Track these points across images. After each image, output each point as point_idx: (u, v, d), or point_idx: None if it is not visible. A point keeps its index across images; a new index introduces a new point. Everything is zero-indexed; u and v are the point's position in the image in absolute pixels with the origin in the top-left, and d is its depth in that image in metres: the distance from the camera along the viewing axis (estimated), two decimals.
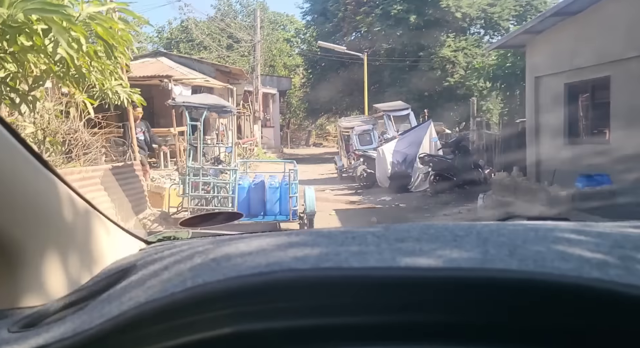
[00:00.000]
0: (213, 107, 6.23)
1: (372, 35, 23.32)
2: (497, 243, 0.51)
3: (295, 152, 27.96)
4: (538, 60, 7.99)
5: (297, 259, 0.49)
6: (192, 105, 6.14)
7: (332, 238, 0.54)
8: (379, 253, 0.48)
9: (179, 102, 6.20)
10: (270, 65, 32.19)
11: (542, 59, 7.85)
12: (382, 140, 12.62)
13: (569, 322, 0.43)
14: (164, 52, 17.35)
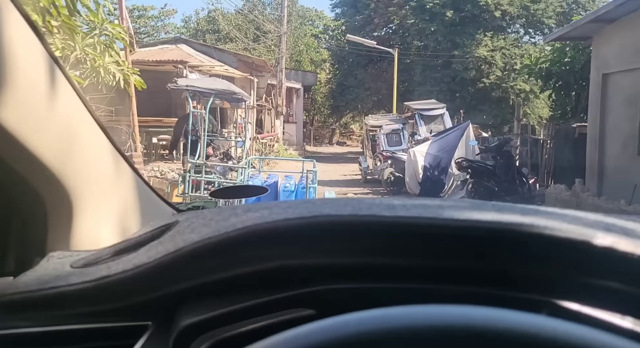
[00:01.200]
0: (221, 93, 5.28)
1: (403, 30, 22.15)
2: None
3: (317, 150, 27.06)
4: (608, 54, 6.79)
5: (336, 211, 0.53)
6: (197, 90, 5.20)
7: (363, 201, 0.57)
8: (406, 210, 0.52)
9: (181, 85, 5.28)
10: (296, 60, 31.33)
11: (613, 53, 6.66)
12: (412, 141, 11.51)
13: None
14: (185, 38, 16.58)
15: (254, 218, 0.53)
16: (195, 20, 34.62)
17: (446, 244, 0.49)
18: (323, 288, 0.51)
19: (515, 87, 20.29)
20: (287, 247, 0.52)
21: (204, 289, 0.53)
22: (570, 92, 8.67)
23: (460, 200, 0.62)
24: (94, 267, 0.60)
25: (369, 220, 0.51)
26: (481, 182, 8.33)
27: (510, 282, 0.48)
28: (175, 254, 0.53)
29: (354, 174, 14.55)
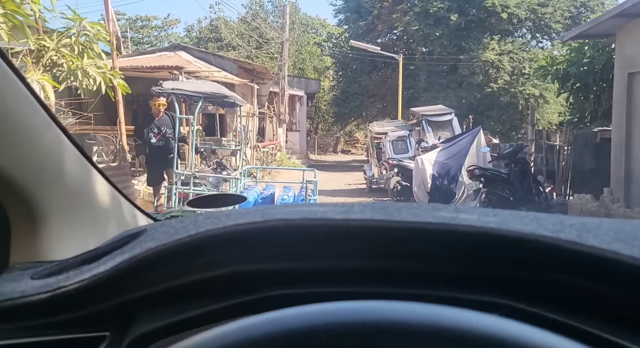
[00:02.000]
0: (210, 97, 4.77)
1: (408, 36, 21.72)
2: (470, 213, 0.53)
3: (321, 158, 26.65)
4: (634, 52, 6.25)
5: (289, 215, 0.53)
6: (183, 93, 4.70)
7: (324, 205, 0.56)
8: (361, 213, 0.52)
9: (166, 89, 4.78)
10: (299, 67, 31.03)
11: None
12: (419, 148, 10.97)
13: (520, 274, 0.46)
14: (183, 45, 16.15)
15: (210, 225, 0.53)
16: (197, 29, 34.48)
17: (395, 245, 0.49)
18: (276, 294, 0.51)
19: (524, 92, 19.76)
20: (238, 253, 0.52)
21: (158, 297, 0.53)
22: (589, 95, 8.12)
23: (426, 204, 0.59)
24: (54, 277, 0.60)
25: (317, 224, 0.50)
26: (495, 191, 7.77)
27: (458, 282, 0.47)
28: (129, 262, 0.53)
29: (358, 183, 14.04)
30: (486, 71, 19.95)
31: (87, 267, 0.58)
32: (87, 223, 0.84)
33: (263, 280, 0.52)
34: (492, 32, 20.32)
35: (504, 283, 0.46)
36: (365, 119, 26.40)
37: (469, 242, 0.47)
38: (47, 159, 0.75)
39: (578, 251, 0.43)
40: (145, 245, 0.55)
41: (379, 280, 0.50)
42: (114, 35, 6.17)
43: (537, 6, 19.85)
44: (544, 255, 0.45)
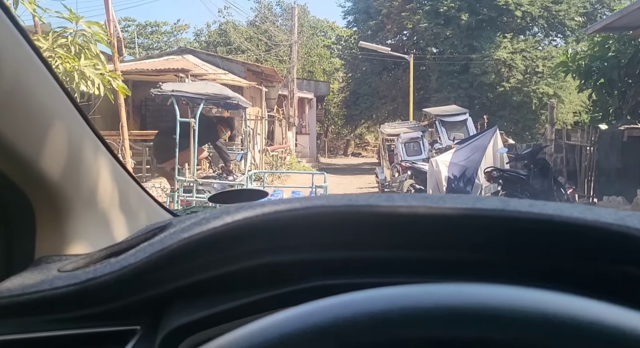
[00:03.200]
0: (212, 99, 4.52)
1: (418, 36, 21.39)
2: (519, 202, 0.50)
3: (332, 161, 26.41)
4: None
5: (330, 202, 0.50)
6: (183, 95, 4.44)
7: (361, 195, 0.53)
8: (405, 201, 0.49)
9: (166, 91, 4.54)
10: (309, 70, 30.87)
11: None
12: (433, 150, 10.65)
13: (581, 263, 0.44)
14: (190, 49, 16.00)
15: (245, 213, 0.51)
16: (206, 34, 34.50)
17: (450, 234, 0.47)
18: (315, 285, 0.49)
19: (537, 91, 19.32)
20: (277, 241, 0.50)
21: (192, 289, 0.51)
22: (614, 91, 7.72)
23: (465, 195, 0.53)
24: (81, 270, 0.59)
25: (365, 210, 0.48)
26: (514, 193, 7.42)
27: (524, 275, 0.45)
28: (162, 253, 0.51)
29: (370, 186, 13.73)
30: (498, 70, 19.55)
31: (115, 260, 0.57)
32: (111, 217, 0.83)
33: (303, 270, 0.50)
34: (504, 30, 19.93)
35: (580, 275, 0.44)
36: (375, 120, 26.11)
37: (525, 231, 0.44)
38: (73, 152, 0.74)
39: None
40: (178, 236, 0.52)
41: (431, 271, 0.47)
42: (115, 37, 5.96)
43: (551, 3, 19.42)
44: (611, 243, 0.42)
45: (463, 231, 0.46)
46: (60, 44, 4.51)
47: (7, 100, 0.61)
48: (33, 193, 0.70)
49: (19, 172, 0.66)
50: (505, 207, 0.46)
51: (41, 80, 0.67)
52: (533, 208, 0.46)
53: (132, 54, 27.43)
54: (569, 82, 17.12)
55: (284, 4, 33.58)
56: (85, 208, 0.77)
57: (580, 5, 19.71)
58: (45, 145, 0.68)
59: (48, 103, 0.69)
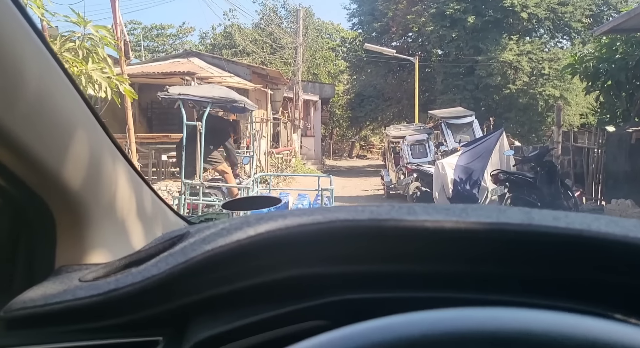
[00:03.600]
0: (219, 102, 4.54)
1: (423, 38, 21.37)
2: (542, 214, 0.50)
3: (337, 163, 26.39)
4: None
5: (353, 216, 0.49)
6: (190, 98, 4.47)
7: (381, 206, 0.54)
8: (428, 214, 0.48)
9: (172, 94, 4.57)
10: (313, 73, 30.89)
11: None
12: (439, 152, 10.61)
13: (609, 279, 0.44)
14: (196, 52, 16.04)
15: (267, 225, 0.51)
16: (211, 36, 34.61)
17: (476, 248, 0.46)
18: (339, 299, 0.49)
19: (544, 93, 19.23)
20: (301, 255, 0.50)
21: (215, 301, 0.51)
22: (622, 93, 7.67)
23: (485, 205, 0.51)
24: (102, 280, 0.59)
25: (389, 225, 0.48)
26: (521, 196, 7.37)
27: (542, 289, 0.45)
28: (186, 265, 0.51)
29: (375, 188, 13.70)
30: (504, 72, 19.47)
31: (136, 270, 0.57)
32: (129, 225, 0.84)
33: (328, 283, 0.50)
34: (509, 32, 19.86)
35: (609, 291, 0.43)
36: (380, 123, 26.08)
37: (552, 245, 0.44)
38: (94, 160, 0.75)
39: None
40: (201, 247, 0.52)
41: (457, 285, 0.46)
42: (122, 40, 5.98)
43: (557, 5, 19.33)
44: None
45: (489, 245, 0.46)
46: (68, 48, 4.53)
47: (31, 109, 0.61)
48: (54, 202, 0.70)
49: (41, 181, 0.67)
50: (530, 220, 0.46)
51: (62, 87, 0.67)
52: (559, 222, 0.45)
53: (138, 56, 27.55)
54: (575, 84, 17.04)
55: (288, 7, 33.68)
56: (104, 217, 0.77)
57: (587, 7, 19.61)
58: (67, 154, 0.68)
59: (69, 111, 0.69)
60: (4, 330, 0.56)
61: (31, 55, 0.61)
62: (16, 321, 0.56)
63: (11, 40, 0.56)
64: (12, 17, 0.57)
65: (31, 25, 0.60)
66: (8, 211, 0.72)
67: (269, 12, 33.22)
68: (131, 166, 0.87)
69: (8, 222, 0.72)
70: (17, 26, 0.58)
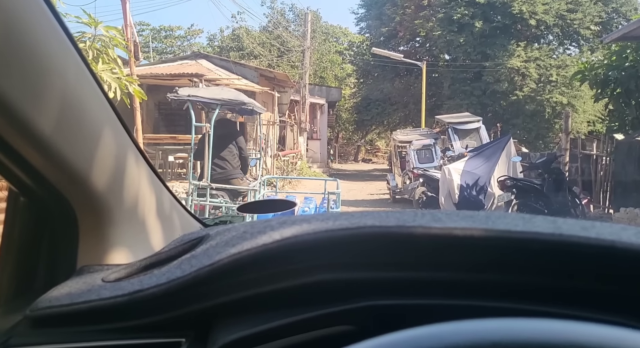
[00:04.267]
0: (228, 104, 4.56)
1: (430, 43, 21.36)
2: (569, 223, 0.50)
3: (342, 167, 26.38)
4: None
5: (380, 222, 0.50)
6: (199, 100, 4.50)
7: (404, 213, 0.54)
8: (453, 222, 0.48)
9: (182, 96, 4.59)
10: (320, 76, 30.94)
11: None
12: (445, 157, 10.58)
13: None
14: (204, 54, 16.12)
15: (292, 229, 0.51)
16: (219, 38, 34.76)
17: (505, 257, 0.46)
18: (366, 305, 0.49)
19: (551, 100, 19.16)
20: (328, 260, 0.50)
21: (240, 304, 0.51)
22: (631, 101, 7.64)
23: (507, 212, 0.46)
24: (126, 281, 0.59)
25: (418, 232, 0.47)
26: (528, 203, 7.34)
27: (578, 300, 0.44)
28: (212, 267, 0.51)
29: (381, 192, 13.68)
30: (512, 78, 19.43)
31: (159, 271, 0.57)
32: (148, 226, 0.85)
33: (354, 289, 0.49)
34: (517, 38, 19.82)
35: (624, 301, 0.43)
36: (386, 127, 26.06)
37: (584, 256, 0.43)
38: (117, 162, 0.76)
39: None
40: (225, 250, 0.52)
41: (482, 293, 0.46)
42: (132, 41, 6.01)
43: (566, 12, 19.27)
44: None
45: (518, 254, 0.46)
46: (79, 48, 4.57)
47: (61, 111, 0.62)
48: (78, 203, 0.71)
49: (66, 182, 0.68)
50: (559, 230, 0.46)
51: (90, 90, 0.68)
52: (589, 232, 0.45)
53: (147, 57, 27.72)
54: (583, 91, 16.97)
55: (296, 10, 33.80)
56: (126, 218, 0.78)
57: (596, 14, 19.53)
58: (93, 156, 0.69)
59: (96, 113, 0.69)
60: (29, 329, 0.57)
61: (61, 57, 0.61)
62: (42, 320, 0.56)
63: (43, 41, 0.57)
64: (45, 18, 0.57)
65: (62, 27, 0.60)
66: (34, 210, 0.72)
67: (277, 15, 33.37)
68: (152, 168, 0.88)
69: (33, 222, 0.73)
70: (49, 27, 0.58)
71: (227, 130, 4.91)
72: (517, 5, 18.74)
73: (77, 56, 0.64)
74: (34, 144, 0.60)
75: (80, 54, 0.65)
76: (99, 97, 0.70)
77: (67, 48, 0.62)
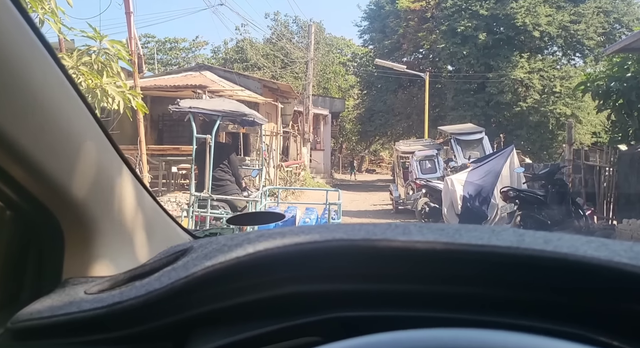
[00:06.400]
0: (229, 115, 4.61)
1: (434, 55, 21.47)
2: (533, 236, 0.51)
3: (346, 177, 26.37)
4: None
5: (348, 235, 0.51)
6: (200, 112, 4.55)
7: (378, 226, 0.56)
8: (422, 235, 0.50)
9: (183, 108, 4.64)
10: (324, 87, 31.07)
11: None
12: (448, 168, 10.57)
13: (594, 302, 0.45)
14: (208, 65, 16.25)
15: (266, 243, 0.53)
16: (224, 50, 35.04)
17: (465, 270, 0.47)
18: (338, 316, 0.50)
19: (555, 111, 19.17)
20: (298, 273, 0.51)
21: (215, 316, 0.53)
22: (633, 112, 7.62)
23: (481, 225, 0.55)
24: (107, 293, 0.60)
25: (382, 245, 0.49)
26: (531, 214, 7.30)
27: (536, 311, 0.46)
28: (187, 280, 0.53)
29: (384, 203, 13.65)
30: (515, 89, 19.47)
31: (140, 283, 0.58)
32: (134, 238, 0.85)
33: (324, 301, 0.51)
34: (521, 49, 19.89)
35: (578, 312, 0.45)
36: (390, 137, 26.09)
37: (539, 268, 0.45)
38: (101, 173, 0.76)
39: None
40: (202, 263, 0.54)
41: (445, 305, 0.48)
42: (136, 54, 6.08)
43: (569, 23, 19.35)
44: (624, 284, 0.43)
45: (479, 267, 0.47)
46: (84, 62, 4.61)
47: (41, 124, 0.62)
48: (63, 215, 0.71)
49: (51, 194, 0.68)
50: (520, 243, 0.47)
51: (71, 102, 0.68)
52: (548, 245, 0.47)
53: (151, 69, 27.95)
54: (587, 102, 16.97)
55: (300, 22, 34.07)
56: (111, 230, 0.79)
57: (599, 25, 19.61)
58: (76, 168, 0.70)
59: (78, 126, 0.70)
60: (11, 341, 0.57)
61: (40, 70, 0.61)
62: (23, 332, 0.57)
63: (20, 56, 0.57)
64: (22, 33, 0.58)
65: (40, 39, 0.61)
66: (19, 224, 0.73)
67: (280, 27, 33.63)
68: (138, 180, 0.88)
69: (19, 235, 0.74)
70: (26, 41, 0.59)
71: (220, 149, 4.95)
72: (521, 17, 18.84)
73: (57, 68, 0.64)
74: (16, 158, 0.60)
75: (60, 66, 0.65)
76: (81, 109, 0.71)
77: (46, 61, 0.62)
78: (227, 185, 4.93)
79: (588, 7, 19.68)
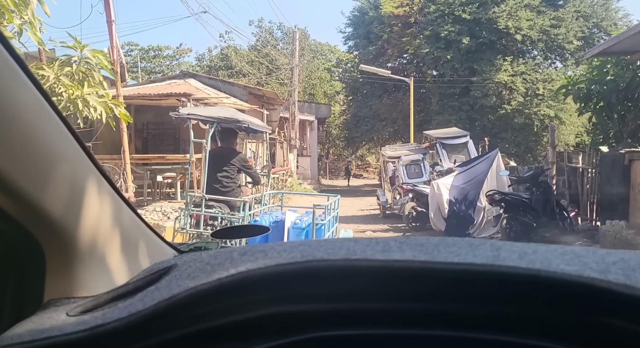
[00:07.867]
0: (223, 121, 4.77)
1: (418, 60, 21.63)
2: (509, 250, 0.53)
3: (333, 183, 26.39)
4: None
5: (329, 254, 0.52)
6: (198, 118, 4.70)
7: (359, 242, 0.57)
8: (401, 252, 0.51)
9: (182, 114, 4.83)
10: (310, 93, 31.14)
11: None
12: (434, 172, 10.63)
13: (568, 316, 0.46)
14: (193, 73, 16.17)
15: (248, 263, 0.53)
16: (208, 58, 34.93)
17: (443, 287, 0.48)
18: (320, 335, 0.50)
19: (539, 113, 19.43)
20: (280, 293, 0.51)
21: (198, 337, 0.53)
22: (613, 114, 7.76)
23: (460, 239, 0.58)
24: (89, 314, 0.60)
25: (361, 265, 0.50)
26: (517, 216, 7.38)
27: (513, 326, 0.47)
28: (169, 301, 0.53)
29: (371, 208, 13.68)
30: (499, 93, 19.71)
31: (123, 304, 0.58)
32: (117, 257, 0.84)
33: (306, 321, 0.51)
34: (504, 53, 20.16)
35: (553, 326, 0.46)
36: (376, 142, 26.20)
37: (514, 284, 0.46)
38: (79, 192, 0.74)
39: (629, 295, 0.42)
40: (185, 284, 0.54)
41: (425, 322, 0.49)
42: (118, 63, 6.02)
43: (550, 27, 19.68)
44: (594, 298, 0.44)
45: (456, 285, 0.48)
46: (65, 72, 4.56)
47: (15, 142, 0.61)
48: (43, 236, 0.70)
49: (29, 215, 0.67)
50: (495, 259, 0.49)
51: (45, 118, 0.67)
52: (522, 260, 0.48)
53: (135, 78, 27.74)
54: (570, 104, 17.23)
55: (284, 28, 34.13)
56: (93, 249, 0.78)
57: (578, 30, 19.97)
58: (53, 188, 0.68)
59: (54, 142, 0.69)
60: None
61: (11, 85, 0.60)
62: None
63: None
64: None
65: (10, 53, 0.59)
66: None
67: (265, 34, 33.65)
68: (120, 195, 0.87)
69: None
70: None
71: (223, 154, 5.05)
72: (503, 21, 19.11)
73: (29, 82, 0.63)
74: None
75: (33, 80, 0.64)
76: (56, 124, 0.69)
77: (19, 79, 0.61)
78: (233, 189, 5.03)
79: (567, 12, 20.05)
